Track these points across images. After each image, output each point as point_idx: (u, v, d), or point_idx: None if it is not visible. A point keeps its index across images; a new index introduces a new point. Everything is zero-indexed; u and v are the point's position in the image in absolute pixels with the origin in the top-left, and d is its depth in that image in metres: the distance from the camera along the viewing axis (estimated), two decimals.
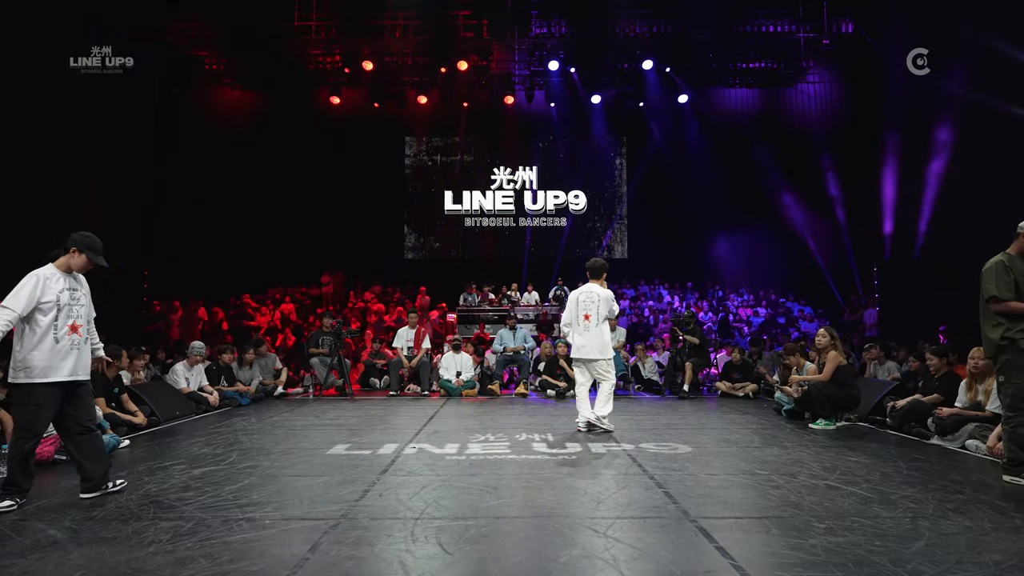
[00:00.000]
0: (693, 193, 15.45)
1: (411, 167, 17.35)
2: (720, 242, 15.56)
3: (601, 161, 17.28)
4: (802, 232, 15.37)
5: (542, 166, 17.23)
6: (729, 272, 15.70)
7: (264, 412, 7.22)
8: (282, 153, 14.93)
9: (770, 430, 5.81)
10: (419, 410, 7.32)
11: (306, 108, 15.45)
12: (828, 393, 6.00)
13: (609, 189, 17.31)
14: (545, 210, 17.10)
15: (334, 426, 6.10)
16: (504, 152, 17.22)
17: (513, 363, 9.50)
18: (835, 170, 14.78)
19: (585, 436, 5.39)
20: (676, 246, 15.80)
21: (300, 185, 15.31)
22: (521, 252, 16.83)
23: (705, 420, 6.52)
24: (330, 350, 9.14)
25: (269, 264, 14.60)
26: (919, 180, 12.12)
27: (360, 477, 3.91)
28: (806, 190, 15.19)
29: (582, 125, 16.87)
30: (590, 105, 16.18)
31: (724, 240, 15.49)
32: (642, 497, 3.45)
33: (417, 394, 9.06)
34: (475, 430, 5.75)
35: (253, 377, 8.54)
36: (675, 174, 15.89)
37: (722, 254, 15.54)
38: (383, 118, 16.06)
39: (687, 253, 15.76)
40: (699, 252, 15.64)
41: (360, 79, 15.08)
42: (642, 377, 9.69)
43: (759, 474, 3.98)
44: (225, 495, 3.52)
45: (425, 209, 17.21)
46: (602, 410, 5.68)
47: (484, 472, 4.06)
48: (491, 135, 17.14)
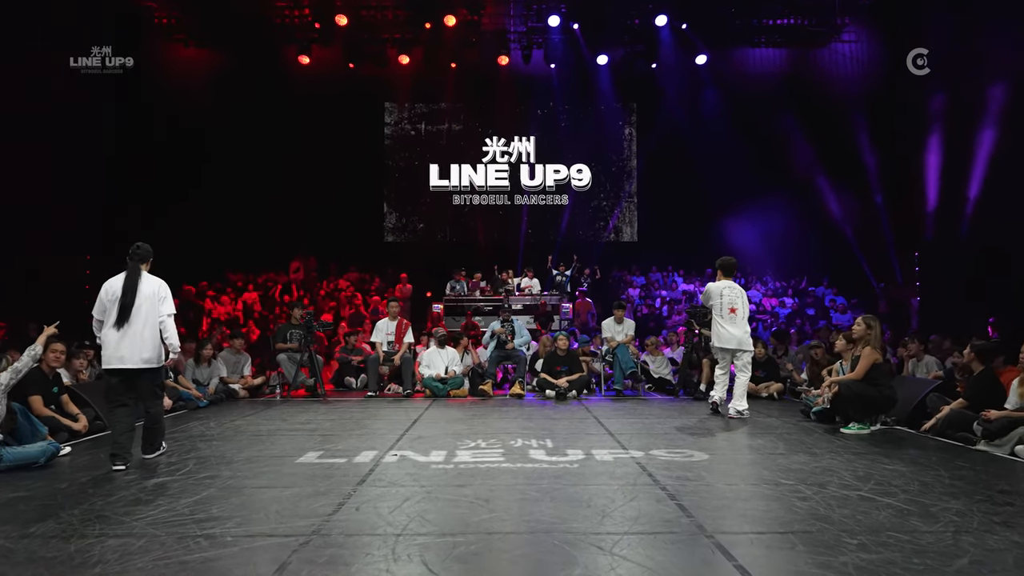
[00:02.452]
0: (712, 168, 15.43)
1: (391, 137, 17.26)
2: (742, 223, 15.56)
3: (608, 131, 17.22)
4: (834, 211, 15.40)
5: (541, 136, 17.17)
6: (752, 257, 15.73)
7: (225, 415, 7.21)
8: (244, 121, 14.78)
9: (797, 435, 5.84)
10: (401, 413, 7.32)
11: (271, 69, 15.28)
12: (861, 393, 6.03)
13: (617, 163, 17.28)
14: (544, 187, 17.06)
15: (305, 431, 6.09)
16: (498, 120, 17.14)
17: (508, 360, 9.52)
18: (872, 141, 14.78)
19: (589, 442, 5.41)
20: (692, 228, 15.80)
21: (265, 157, 15.19)
22: (517, 234, 16.81)
23: (724, 424, 6.55)
24: (300, 345, 9.13)
25: (230, 247, 14.53)
26: (967, 152, 12.12)
27: (334, 488, 3.92)
28: (839, 164, 15.19)
29: (586, 90, 16.79)
30: (595, 67, 16.09)
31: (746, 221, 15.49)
32: (652, 510, 3.47)
33: (399, 395, 9.07)
34: (464, 435, 5.76)
35: (212, 375, 8.53)
36: (691, 146, 15.85)
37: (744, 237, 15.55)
38: (359, 81, 15.92)
39: (704, 236, 15.75)
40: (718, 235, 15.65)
41: (333, 36, 14.92)
42: (653, 376, 9.73)
43: (784, 484, 4.01)
44: (181, 509, 3.52)
45: (407, 185, 17.14)
46: (739, 404, 6.84)
47: (475, 482, 4.06)
48: (483, 101, 17.04)
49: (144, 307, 4.77)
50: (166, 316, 4.83)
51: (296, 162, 15.46)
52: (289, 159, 15.42)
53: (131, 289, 4.76)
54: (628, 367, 9.14)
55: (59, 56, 11.73)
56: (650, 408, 7.79)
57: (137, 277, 4.81)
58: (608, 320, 9.74)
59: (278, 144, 15.27)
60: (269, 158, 15.26)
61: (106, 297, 4.79)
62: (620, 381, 9.14)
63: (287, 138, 15.35)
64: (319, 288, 14.59)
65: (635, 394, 9.29)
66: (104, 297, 4.80)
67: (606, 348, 9.55)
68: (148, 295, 4.80)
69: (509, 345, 9.38)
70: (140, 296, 4.77)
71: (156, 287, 4.86)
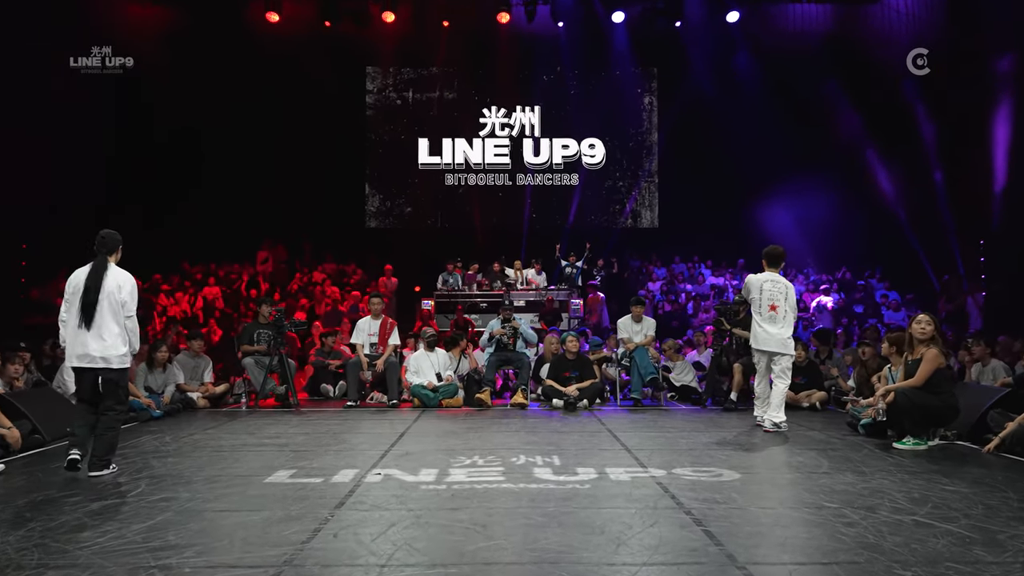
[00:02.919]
0: (744, 142, 15.39)
1: (374, 107, 17.23)
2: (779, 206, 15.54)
3: (624, 100, 17.18)
4: (886, 192, 15.37)
5: (547, 106, 17.14)
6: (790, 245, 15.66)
7: (182, 428, 7.21)
8: (201, 89, 14.74)
9: (843, 450, 5.84)
10: (386, 425, 7.32)
11: (235, 28, 15.23)
12: (920, 402, 6.01)
13: (635, 137, 17.25)
14: (551, 164, 17.04)
15: (274, 447, 6.10)
16: (497, 88, 17.11)
17: (509, 364, 9.52)
18: (929, 110, 14.73)
19: (602, 459, 5.41)
20: (722, 211, 15.79)
21: (228, 130, 15.18)
22: (519, 219, 16.80)
23: (758, 438, 6.55)
24: (268, 348, 9.12)
25: (186, 235, 14.53)
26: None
27: (309, 512, 3.92)
28: (891, 136, 15.15)
29: (600, 52, 16.76)
30: (610, 25, 16.05)
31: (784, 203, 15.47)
32: (675, 537, 3.47)
33: (383, 405, 9.07)
34: (459, 451, 5.76)
35: (167, 382, 8.53)
36: (721, 117, 15.81)
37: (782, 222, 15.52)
38: (337, 41, 15.88)
39: (736, 221, 15.75)
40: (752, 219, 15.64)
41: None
42: (676, 383, 9.72)
43: (828, 507, 4.01)
44: (132, 536, 3.52)
45: (393, 162, 17.13)
46: (776, 415, 6.81)
47: (470, 505, 4.06)
48: (480, 65, 17.01)
49: (105, 303, 5.01)
50: (131, 315, 5.11)
51: (263, 136, 15.42)
52: (254, 133, 15.38)
53: (96, 286, 5.00)
54: (648, 373, 9.12)
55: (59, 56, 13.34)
56: (673, 420, 7.78)
57: (103, 271, 5.06)
58: (625, 319, 9.71)
59: (241, 116, 15.23)
60: (230, 132, 15.23)
61: (69, 291, 5.07)
62: (638, 389, 9.13)
63: (251, 109, 15.31)
64: (291, 282, 14.60)
65: (656, 404, 9.27)
66: (67, 291, 5.08)
67: (622, 351, 9.55)
68: (112, 290, 5.04)
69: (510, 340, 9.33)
70: (103, 292, 5.01)
71: (121, 281, 5.10)
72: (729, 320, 9.17)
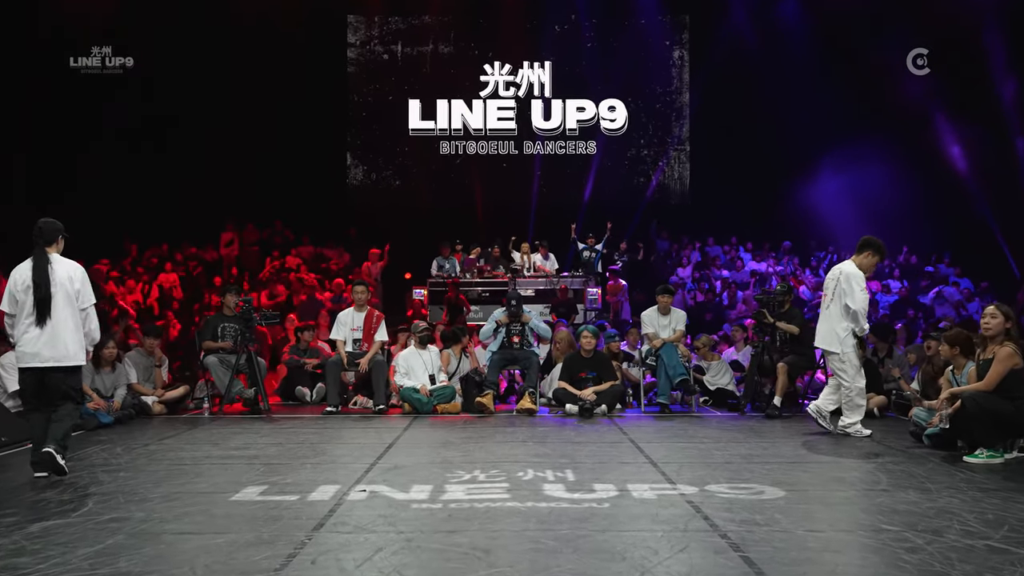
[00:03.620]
0: (790, 103, 15.34)
1: (357, 63, 17.20)
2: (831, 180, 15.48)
3: (650, 54, 17.12)
4: (957, 162, 15.28)
5: (559, 62, 17.07)
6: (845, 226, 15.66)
7: (135, 437, 7.22)
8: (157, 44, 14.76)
9: (905, 464, 5.83)
10: (371, 434, 7.33)
11: None
12: (992, 409, 5.99)
13: (662, 98, 17.19)
14: (564, 130, 17.01)
15: (242, 459, 6.11)
16: (501, 40, 17.06)
17: (514, 363, 9.52)
18: (1010, 65, 14.62)
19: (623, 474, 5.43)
20: (764, 186, 15.74)
21: (184, 92, 15.18)
22: (527, 194, 16.78)
23: (805, 449, 6.55)
24: (235, 344, 9.15)
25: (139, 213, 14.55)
26: None
27: (282, 535, 3.93)
28: (964, 97, 15.06)
29: None
30: None
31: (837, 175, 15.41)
32: (708, 564, 3.47)
33: (368, 411, 9.09)
34: (457, 464, 5.77)
35: (117, 383, 8.55)
36: (763, 74, 15.75)
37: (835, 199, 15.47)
38: None
39: (781, 195, 15.71)
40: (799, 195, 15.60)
41: None
42: (710, 386, 9.72)
43: (887, 530, 4.00)
44: (78, 562, 3.53)
45: (379, 128, 17.12)
46: (843, 420, 7.13)
47: (470, 527, 4.07)
48: (480, 14, 16.95)
49: (59, 296, 5.33)
50: (88, 306, 5.46)
51: (228, 98, 15.44)
52: (218, 94, 15.39)
53: (44, 279, 5.29)
54: (677, 374, 9.10)
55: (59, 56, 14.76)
56: (706, 429, 7.78)
57: (47, 263, 5.36)
58: (650, 311, 9.68)
59: (202, 74, 15.24)
60: (191, 93, 15.23)
61: (16, 288, 5.35)
62: (666, 393, 9.13)
63: (214, 65, 15.32)
64: (261, 267, 14.62)
65: (686, 410, 9.27)
66: (13, 288, 5.35)
67: (647, 348, 9.54)
68: (63, 282, 5.36)
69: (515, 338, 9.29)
70: (55, 285, 5.32)
71: (71, 271, 5.43)
72: (772, 312, 9.15)
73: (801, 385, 9.47)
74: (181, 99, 15.21)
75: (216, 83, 15.31)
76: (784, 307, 9.21)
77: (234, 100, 15.42)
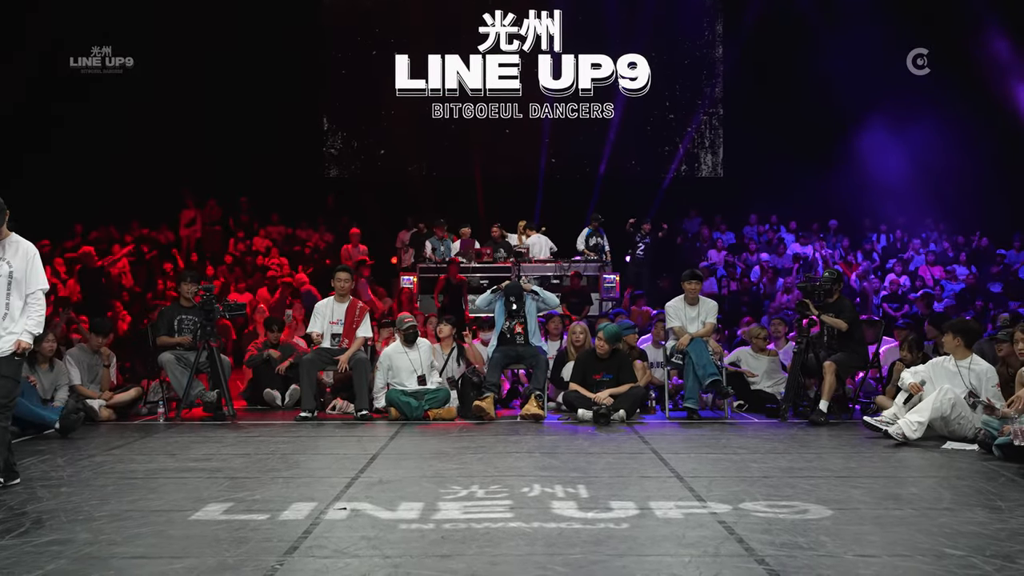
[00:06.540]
0: (841, 63, 15.27)
1: (333, 10, 17.13)
2: (888, 151, 15.43)
3: (677, 1, 17.04)
4: None
5: (571, 11, 17.01)
6: (904, 204, 15.63)
7: (79, 447, 7.23)
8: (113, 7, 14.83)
9: (970, 479, 5.84)
10: (353, 444, 7.38)
11: None
12: None
13: (691, 54, 17.15)
14: (576, 90, 16.98)
15: (204, 472, 6.14)
16: None
17: (519, 362, 9.51)
18: None
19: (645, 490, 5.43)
20: (810, 157, 15.70)
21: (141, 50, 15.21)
22: (534, 166, 16.76)
23: (856, 462, 6.56)
24: (194, 339, 9.15)
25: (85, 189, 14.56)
26: None
27: (249, 560, 3.93)
28: None
29: None
30: None
31: (896, 148, 15.35)
32: None
33: (349, 416, 9.12)
34: (451, 478, 5.78)
35: (57, 383, 8.55)
36: (810, 25, 15.69)
37: (892, 173, 15.42)
38: None
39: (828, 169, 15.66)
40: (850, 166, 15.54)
41: None
42: (748, 387, 9.70)
43: (950, 555, 4.00)
44: None
45: (360, 89, 17.10)
46: (913, 416, 7.08)
47: (467, 551, 4.07)
48: None
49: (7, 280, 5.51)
50: (38, 290, 5.61)
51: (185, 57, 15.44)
52: (172, 52, 15.40)
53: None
54: (708, 374, 9.07)
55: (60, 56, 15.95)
56: (742, 438, 7.79)
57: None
58: (676, 300, 9.65)
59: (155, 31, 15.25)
60: (142, 53, 15.25)
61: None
62: (694, 396, 9.13)
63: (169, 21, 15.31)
64: (225, 250, 14.62)
65: (718, 415, 9.26)
66: None
67: (672, 344, 9.51)
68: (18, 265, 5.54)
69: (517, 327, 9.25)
70: None
71: (23, 251, 5.60)
72: (817, 303, 9.09)
73: (851, 387, 9.44)
74: (134, 56, 15.26)
75: (166, 41, 15.33)
76: (832, 297, 9.16)
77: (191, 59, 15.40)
